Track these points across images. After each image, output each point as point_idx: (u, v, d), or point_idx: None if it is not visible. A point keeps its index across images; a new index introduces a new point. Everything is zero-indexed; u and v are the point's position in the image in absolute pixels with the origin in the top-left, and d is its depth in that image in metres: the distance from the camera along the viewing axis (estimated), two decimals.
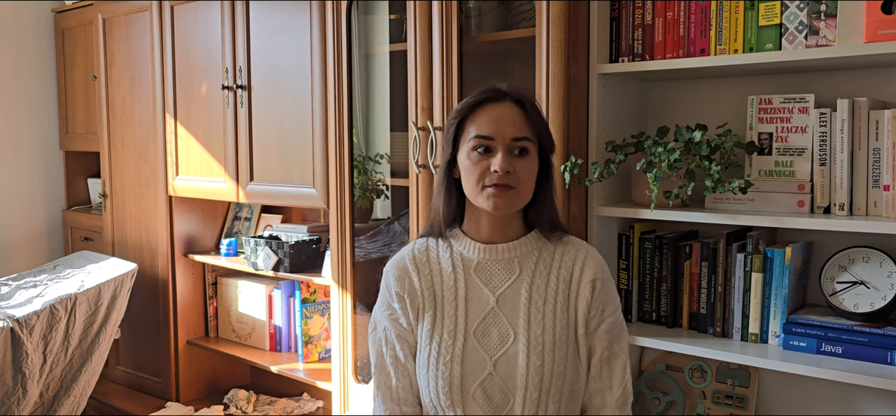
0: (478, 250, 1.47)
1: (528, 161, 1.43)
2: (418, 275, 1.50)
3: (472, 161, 1.42)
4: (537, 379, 1.39)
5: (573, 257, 1.48)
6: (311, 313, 2.97)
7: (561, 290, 1.45)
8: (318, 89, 2.57)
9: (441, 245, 1.51)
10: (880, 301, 1.75)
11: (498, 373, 1.41)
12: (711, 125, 2.02)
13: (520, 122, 1.42)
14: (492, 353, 1.42)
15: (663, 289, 2.04)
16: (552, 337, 1.41)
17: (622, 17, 2.02)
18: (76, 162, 3.93)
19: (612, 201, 2.09)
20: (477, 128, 1.43)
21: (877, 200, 1.73)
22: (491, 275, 1.46)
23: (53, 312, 2.75)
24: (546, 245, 1.49)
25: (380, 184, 2.64)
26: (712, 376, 2.09)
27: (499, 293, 1.45)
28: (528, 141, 1.42)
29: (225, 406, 3.18)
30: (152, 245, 3.34)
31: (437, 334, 1.45)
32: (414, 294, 1.49)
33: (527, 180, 1.43)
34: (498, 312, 1.44)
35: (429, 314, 1.47)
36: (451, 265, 1.48)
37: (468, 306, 1.45)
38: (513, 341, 1.41)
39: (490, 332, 1.43)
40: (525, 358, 1.40)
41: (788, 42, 1.79)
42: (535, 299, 1.44)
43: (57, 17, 3.78)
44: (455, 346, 1.43)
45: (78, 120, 3.74)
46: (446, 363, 1.42)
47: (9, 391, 2.66)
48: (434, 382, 1.43)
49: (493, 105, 1.44)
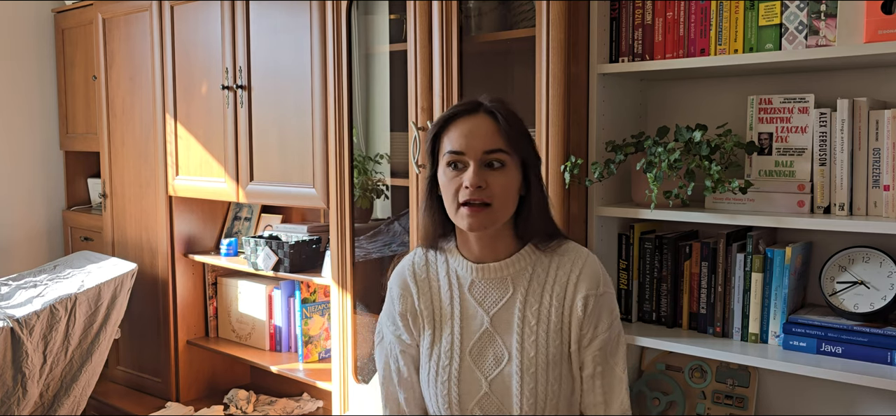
0: (470, 269, 1.44)
1: (504, 175, 1.37)
2: (418, 292, 1.49)
3: (447, 178, 1.38)
4: (531, 400, 1.38)
5: (568, 272, 1.43)
6: (311, 313, 2.97)
7: (555, 308, 1.42)
8: (318, 89, 2.57)
9: (439, 259, 1.49)
10: (880, 301, 1.75)
11: (494, 393, 1.41)
12: (711, 125, 2.02)
13: (492, 134, 1.36)
14: (487, 374, 1.41)
15: (663, 289, 2.04)
16: (545, 357, 1.39)
17: (622, 17, 2.02)
18: (76, 162, 3.93)
19: (612, 201, 2.09)
20: (450, 142, 1.38)
21: (877, 200, 1.73)
22: (485, 294, 1.44)
23: (53, 312, 2.75)
24: (541, 259, 1.44)
25: (380, 184, 2.64)
26: (712, 376, 2.09)
27: (493, 313, 1.43)
28: (503, 153, 1.36)
29: (225, 406, 3.18)
30: (152, 245, 3.34)
31: (435, 352, 1.45)
32: (415, 313, 1.49)
33: (503, 195, 1.37)
34: (492, 332, 1.43)
35: (428, 332, 1.47)
36: (447, 283, 1.47)
37: (463, 325, 1.44)
38: (507, 362, 1.40)
39: (485, 352, 1.42)
40: (519, 380, 1.39)
41: (788, 42, 1.79)
42: (528, 318, 1.41)
43: (57, 18, 3.78)
44: (451, 366, 1.43)
45: (78, 120, 3.74)
46: (443, 382, 1.43)
47: (9, 391, 2.66)
48: (435, 399, 1.45)
49: (466, 119, 1.39)
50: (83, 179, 3.97)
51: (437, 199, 1.45)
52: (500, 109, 1.39)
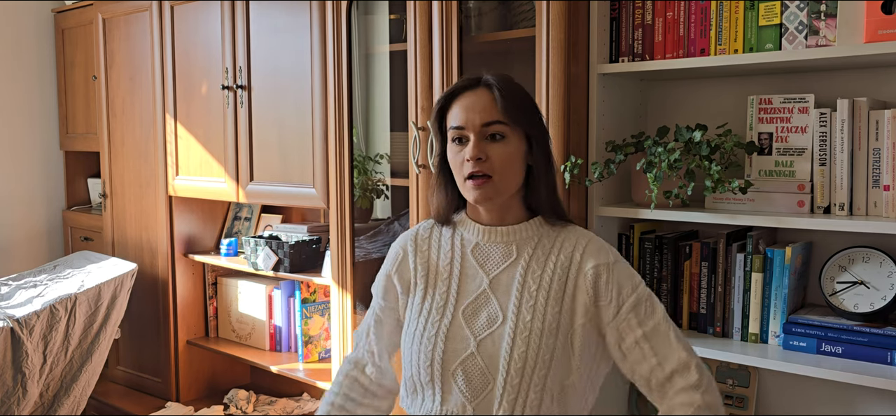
0: (478, 231, 1.47)
1: (504, 146, 1.39)
2: (415, 252, 1.51)
3: (452, 153, 1.42)
4: (520, 364, 1.36)
5: (573, 244, 1.43)
6: (311, 313, 2.97)
7: (557, 276, 1.41)
8: (318, 89, 2.57)
9: (445, 229, 1.52)
10: (880, 301, 1.75)
11: (480, 354, 1.38)
12: (711, 125, 2.02)
13: (490, 107, 1.39)
14: (477, 333, 1.40)
15: (663, 289, 2.04)
16: (541, 323, 1.38)
17: (622, 17, 2.02)
18: (76, 162, 3.93)
19: (612, 201, 2.09)
20: (452, 118, 1.42)
21: (877, 200, 1.73)
22: (487, 257, 1.45)
23: (53, 312, 2.75)
24: (548, 232, 1.46)
25: (380, 184, 2.64)
26: (712, 376, 2.09)
27: (493, 276, 1.44)
28: (502, 124, 1.38)
29: (225, 406, 3.18)
30: (152, 245, 3.34)
31: (425, 307, 1.46)
32: (405, 270, 1.51)
33: (503, 166, 1.39)
34: (490, 294, 1.43)
35: (419, 289, 1.48)
36: (449, 246, 1.49)
37: (461, 285, 1.45)
38: (500, 324, 1.39)
39: (479, 313, 1.42)
40: (510, 341, 1.37)
41: (788, 42, 1.79)
42: (529, 283, 1.41)
43: (57, 17, 3.78)
44: (442, 322, 1.42)
45: (78, 120, 3.74)
46: (430, 337, 1.42)
47: (9, 391, 2.66)
48: (416, 356, 1.42)
49: (466, 94, 1.42)
50: (83, 179, 3.97)
51: (447, 175, 1.48)
52: (498, 82, 1.41)
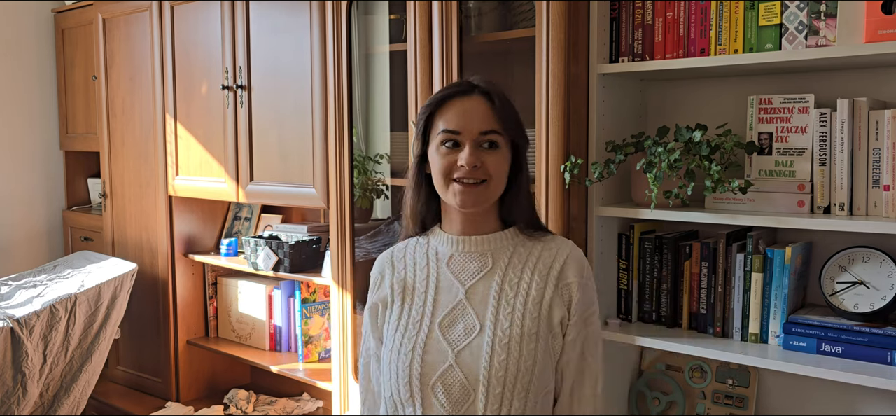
0: (452, 242, 1.45)
1: (498, 155, 1.40)
2: (392, 271, 1.50)
3: (440, 155, 1.40)
4: (501, 373, 1.34)
5: (553, 254, 1.43)
6: (311, 313, 2.97)
7: (535, 283, 1.40)
8: (318, 89, 2.57)
9: (419, 243, 1.50)
10: (880, 301, 1.75)
11: (459, 366, 1.36)
12: (711, 125, 2.02)
13: (488, 115, 1.39)
14: (455, 345, 1.38)
15: (663, 289, 2.04)
16: (520, 331, 1.37)
17: (622, 17, 2.02)
18: (76, 162, 3.93)
19: (612, 201, 2.09)
20: (445, 122, 1.40)
21: (877, 200, 1.73)
22: (463, 267, 1.44)
23: (53, 312, 2.75)
24: (524, 241, 1.45)
25: (380, 184, 2.64)
26: (712, 376, 2.09)
27: (469, 286, 1.42)
28: (497, 134, 1.39)
29: (225, 406, 3.18)
30: (152, 245, 3.34)
31: (402, 323, 1.44)
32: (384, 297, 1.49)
33: (497, 175, 1.40)
34: (466, 304, 1.41)
35: (396, 306, 1.46)
36: (425, 260, 1.47)
37: (437, 297, 1.43)
38: (478, 333, 1.38)
39: (456, 324, 1.40)
40: (489, 350, 1.36)
41: (788, 42, 1.79)
42: (506, 291, 1.40)
43: (57, 18, 3.78)
44: (419, 337, 1.41)
45: (78, 120, 3.74)
46: (407, 352, 1.40)
47: (9, 391, 2.66)
48: (395, 374, 1.41)
49: (461, 99, 1.41)
50: (83, 179, 3.97)
51: (424, 178, 1.46)
52: (494, 90, 1.42)
